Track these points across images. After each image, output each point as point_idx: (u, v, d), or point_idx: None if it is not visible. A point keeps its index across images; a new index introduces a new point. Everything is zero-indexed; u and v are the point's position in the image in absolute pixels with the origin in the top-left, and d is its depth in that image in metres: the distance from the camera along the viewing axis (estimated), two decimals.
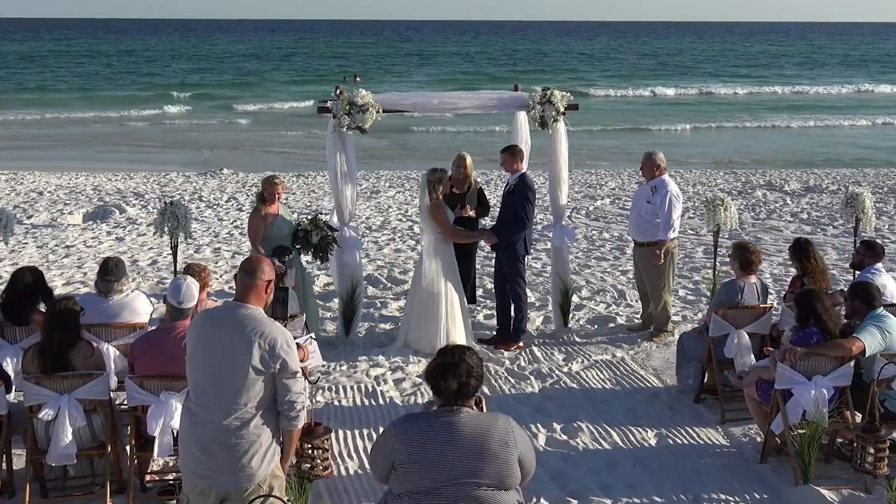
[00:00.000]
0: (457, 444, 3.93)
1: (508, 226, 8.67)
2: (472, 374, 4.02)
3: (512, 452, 4.00)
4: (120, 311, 6.63)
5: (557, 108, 8.60)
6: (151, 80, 53.56)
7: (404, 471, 3.95)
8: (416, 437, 3.96)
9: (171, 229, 8.44)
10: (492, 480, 3.96)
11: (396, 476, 3.99)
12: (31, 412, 5.64)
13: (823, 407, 6.05)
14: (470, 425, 3.97)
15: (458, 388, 3.99)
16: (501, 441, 3.98)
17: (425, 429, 3.98)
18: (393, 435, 4.03)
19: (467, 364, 4.02)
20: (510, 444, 4.00)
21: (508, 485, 4.02)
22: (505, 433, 4.01)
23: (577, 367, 8.38)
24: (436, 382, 4.02)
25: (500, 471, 3.97)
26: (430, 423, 4.00)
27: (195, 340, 4.53)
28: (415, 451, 3.94)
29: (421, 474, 3.92)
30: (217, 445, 4.38)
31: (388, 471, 4.03)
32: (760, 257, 7.65)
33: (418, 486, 3.94)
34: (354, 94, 8.37)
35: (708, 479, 6.17)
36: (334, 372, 8.18)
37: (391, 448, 4.00)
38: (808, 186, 19.30)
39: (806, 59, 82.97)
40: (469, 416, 4.00)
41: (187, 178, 20.75)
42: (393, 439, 4.01)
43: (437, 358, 4.10)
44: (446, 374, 3.99)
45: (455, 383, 3.98)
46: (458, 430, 3.95)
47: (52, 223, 15.04)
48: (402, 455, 3.95)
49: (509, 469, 4.00)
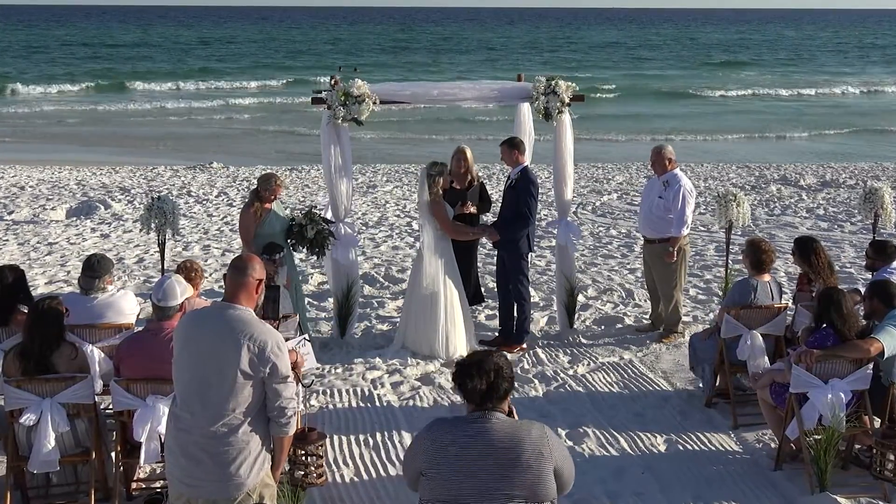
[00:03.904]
0: (488, 453, 3.87)
1: (511, 222, 8.66)
2: (501, 374, 3.98)
3: (547, 463, 3.92)
4: (105, 312, 6.61)
5: (562, 99, 8.60)
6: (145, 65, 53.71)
7: (432, 477, 3.92)
8: (446, 443, 3.91)
9: (159, 225, 8.44)
10: (525, 493, 3.89)
11: (424, 483, 3.96)
12: (12, 417, 5.63)
13: (841, 411, 6.04)
14: (503, 433, 3.91)
15: (487, 389, 3.94)
16: (536, 451, 3.90)
17: (455, 435, 3.92)
18: (423, 439, 4.00)
19: (494, 363, 4.00)
20: (545, 454, 3.92)
21: (542, 497, 3.93)
22: (540, 443, 3.93)
23: (583, 369, 8.38)
24: (462, 382, 3.99)
25: (534, 483, 3.89)
26: (460, 428, 3.95)
27: (182, 342, 4.51)
28: (443, 458, 3.89)
29: (449, 482, 3.87)
30: (204, 453, 4.37)
31: (417, 477, 4.01)
32: (774, 255, 7.64)
33: (446, 494, 3.89)
34: (350, 85, 8.36)
35: (720, 487, 6.16)
36: (329, 375, 8.17)
37: (420, 453, 3.98)
38: (825, 181, 19.30)
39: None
40: (502, 423, 3.95)
41: (175, 172, 20.75)
42: (422, 444, 3.99)
43: (462, 359, 4.10)
44: (472, 373, 3.96)
45: (483, 383, 3.94)
46: (489, 438, 3.89)
47: (34, 219, 15.04)
48: (430, 461, 3.92)
49: (544, 481, 3.92)
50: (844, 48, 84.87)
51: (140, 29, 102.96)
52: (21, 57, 59.42)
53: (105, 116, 34.43)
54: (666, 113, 36.76)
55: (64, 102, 38.25)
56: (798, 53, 76.73)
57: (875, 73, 57.74)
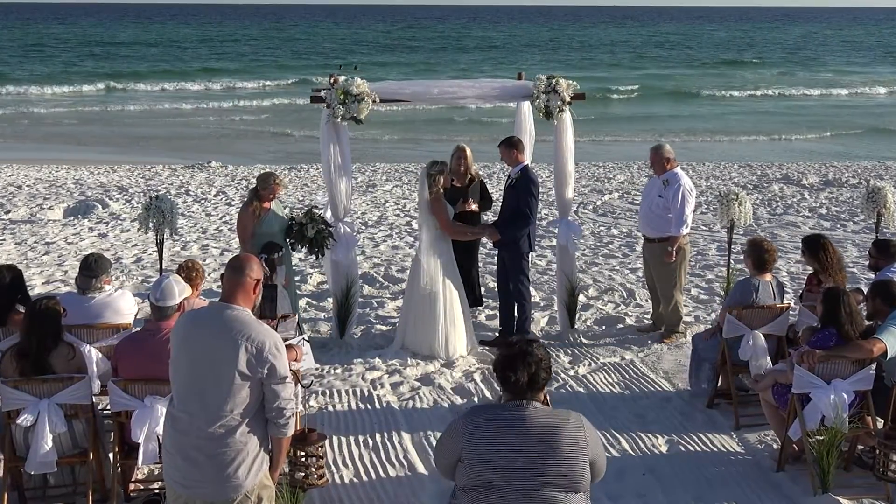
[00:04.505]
0: (525, 440, 3.96)
1: (511, 222, 8.66)
2: (541, 365, 4.08)
3: (582, 452, 4.01)
4: (102, 311, 6.61)
5: (563, 98, 8.59)
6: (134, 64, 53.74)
7: (470, 463, 3.99)
8: (484, 430, 4.00)
9: (157, 225, 8.44)
10: (560, 480, 3.97)
11: (462, 469, 4.04)
12: (9, 418, 5.63)
13: (843, 412, 6.04)
14: (540, 421, 4.01)
15: (528, 380, 4.03)
16: (572, 440, 4.00)
17: (494, 422, 4.01)
18: (461, 426, 4.08)
19: (535, 355, 4.08)
20: (581, 443, 4.01)
21: (577, 486, 4.01)
22: (577, 432, 4.02)
23: (584, 370, 8.38)
24: (505, 375, 4.06)
25: (569, 471, 3.98)
26: (499, 415, 4.04)
27: (179, 343, 4.51)
28: (481, 444, 3.97)
29: (487, 468, 3.96)
30: (201, 454, 4.37)
31: (454, 464, 4.09)
32: (776, 255, 7.64)
33: (484, 480, 3.97)
34: (349, 83, 8.35)
35: (722, 488, 6.16)
36: (328, 375, 8.17)
37: (458, 440, 4.05)
38: (828, 180, 19.29)
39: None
40: (539, 412, 4.04)
41: (173, 172, 20.74)
42: (461, 431, 4.06)
43: (503, 350, 4.17)
44: (516, 365, 4.04)
45: (525, 375, 4.03)
46: (527, 425, 3.98)
47: (31, 219, 15.04)
48: (468, 448, 4.00)
49: (579, 470, 4.00)
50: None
51: (139, 27, 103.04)
52: (18, 55, 59.45)
53: (103, 115, 34.41)
54: (682, 114, 36.60)
55: (62, 101, 38.25)
56: (826, 50, 76.02)
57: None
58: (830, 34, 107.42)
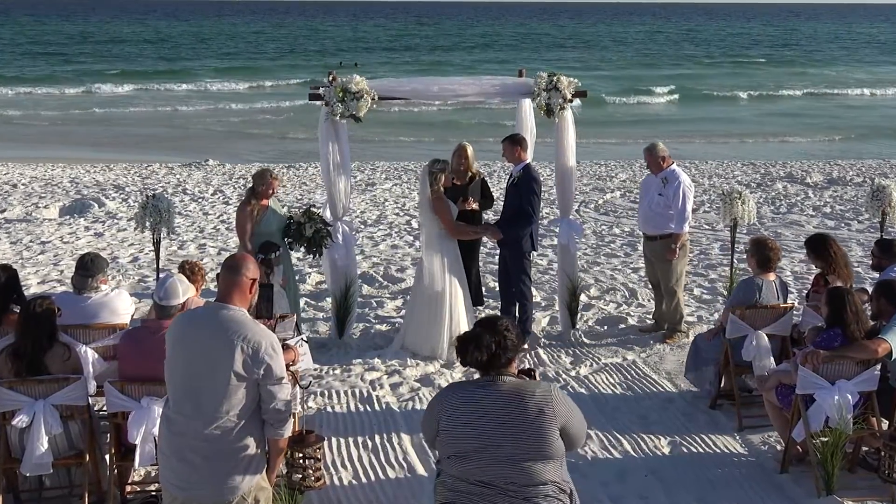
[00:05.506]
0: (493, 411, 4.15)
1: (513, 220, 8.66)
2: (501, 344, 4.21)
3: (549, 422, 4.15)
4: (99, 311, 6.61)
5: (564, 96, 8.57)
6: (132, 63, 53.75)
7: (446, 435, 4.24)
8: (457, 403, 4.23)
9: (154, 224, 8.44)
10: (528, 448, 4.12)
11: (440, 440, 4.30)
12: (4, 419, 5.63)
13: (848, 413, 6.03)
14: (508, 393, 4.19)
15: (487, 360, 4.22)
16: (538, 409, 4.14)
17: (465, 395, 4.25)
18: (436, 401, 4.36)
19: (488, 338, 4.21)
20: (547, 412, 4.14)
21: (547, 455, 4.16)
22: (542, 401, 4.16)
23: (586, 370, 8.38)
24: (462, 357, 4.28)
25: (537, 440, 4.12)
26: (469, 389, 4.28)
27: (174, 343, 4.50)
28: (454, 416, 4.20)
29: (460, 439, 4.18)
30: (197, 456, 4.36)
31: (434, 436, 4.34)
32: (780, 254, 7.64)
33: (458, 449, 4.19)
34: (348, 81, 8.34)
35: (725, 490, 6.16)
36: (327, 376, 8.17)
37: (435, 414, 4.29)
38: (832, 178, 19.29)
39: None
40: (508, 384, 4.22)
41: (170, 170, 20.75)
42: (436, 406, 4.32)
43: (465, 333, 4.40)
44: (468, 347, 4.23)
45: (483, 354, 4.20)
46: (495, 397, 4.18)
47: (27, 217, 15.03)
48: (444, 421, 4.23)
49: (546, 439, 4.14)
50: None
51: (137, 24, 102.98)
52: (14, 53, 59.43)
53: (100, 114, 34.41)
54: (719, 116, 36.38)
55: (59, 100, 38.25)
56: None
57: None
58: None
